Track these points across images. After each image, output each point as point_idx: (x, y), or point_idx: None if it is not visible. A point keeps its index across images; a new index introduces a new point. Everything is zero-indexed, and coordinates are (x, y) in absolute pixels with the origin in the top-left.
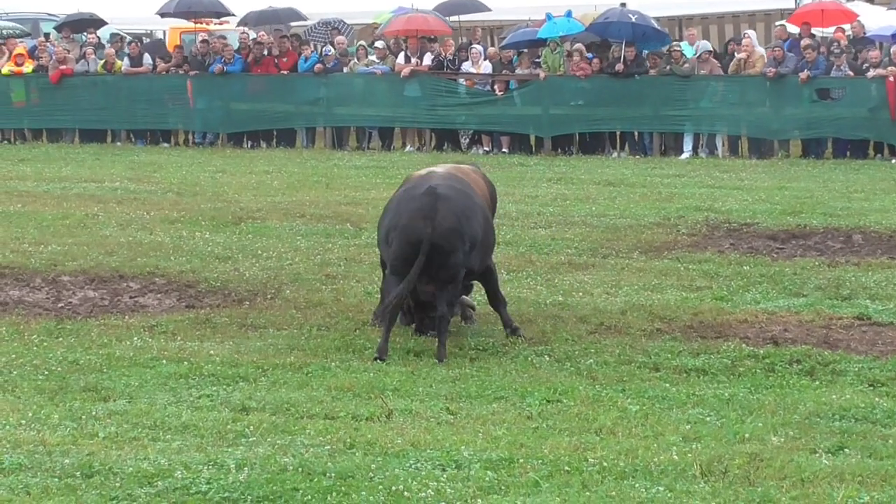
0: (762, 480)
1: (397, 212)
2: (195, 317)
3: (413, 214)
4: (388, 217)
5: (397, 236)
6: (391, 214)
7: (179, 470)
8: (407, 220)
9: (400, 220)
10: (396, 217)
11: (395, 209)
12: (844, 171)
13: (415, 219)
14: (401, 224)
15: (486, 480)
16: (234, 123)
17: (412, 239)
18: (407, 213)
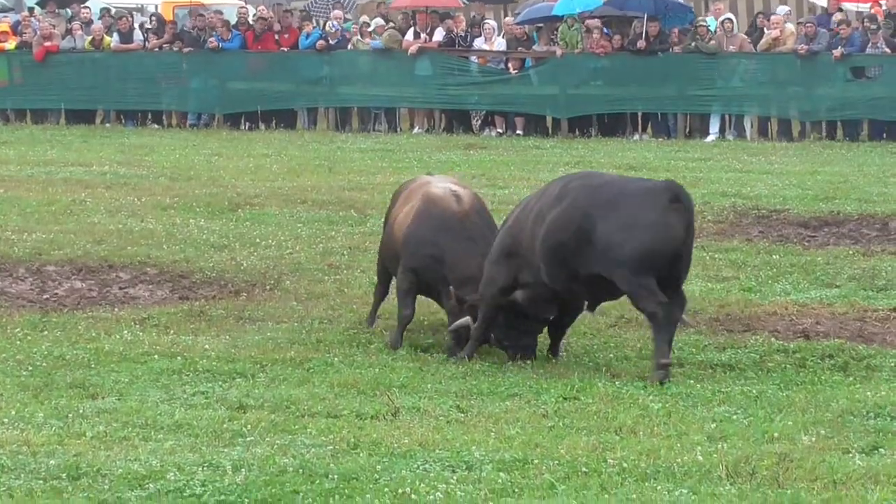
0: (792, 482)
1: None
2: (189, 309)
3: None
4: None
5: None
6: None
7: (172, 471)
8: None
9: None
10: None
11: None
12: (881, 155)
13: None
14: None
15: (499, 482)
16: (230, 104)
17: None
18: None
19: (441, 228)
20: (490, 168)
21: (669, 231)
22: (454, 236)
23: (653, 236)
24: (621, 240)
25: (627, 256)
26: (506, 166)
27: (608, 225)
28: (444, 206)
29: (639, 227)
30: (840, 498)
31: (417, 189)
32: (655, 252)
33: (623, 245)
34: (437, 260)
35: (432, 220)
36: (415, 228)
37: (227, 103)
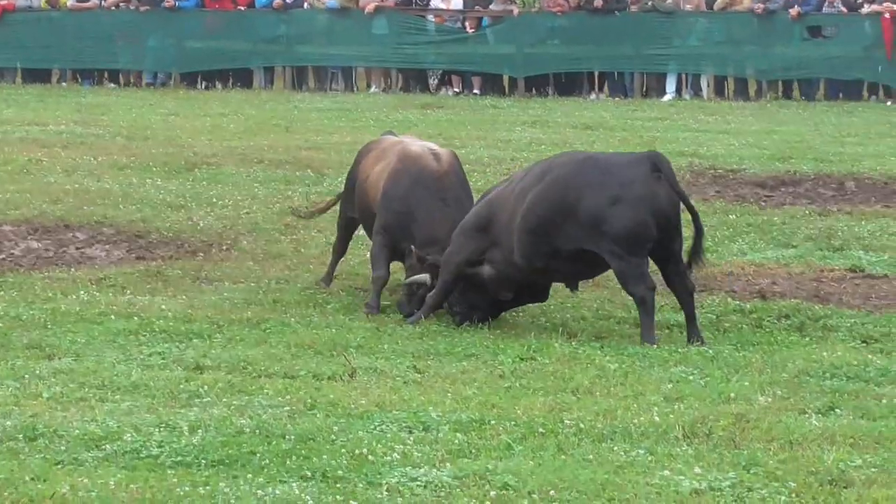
0: (748, 443)
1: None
2: (146, 269)
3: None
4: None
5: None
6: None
7: (129, 432)
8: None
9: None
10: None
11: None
12: (837, 114)
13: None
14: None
15: (456, 443)
16: (187, 62)
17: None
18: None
19: (416, 186)
20: (447, 127)
21: (655, 202)
22: (429, 195)
23: (640, 209)
24: (610, 215)
25: (617, 232)
26: (463, 125)
27: (595, 199)
28: (422, 165)
29: (626, 200)
30: (796, 458)
31: (391, 148)
32: (646, 224)
33: (612, 220)
34: (409, 217)
35: (409, 178)
36: (391, 185)
37: (184, 62)
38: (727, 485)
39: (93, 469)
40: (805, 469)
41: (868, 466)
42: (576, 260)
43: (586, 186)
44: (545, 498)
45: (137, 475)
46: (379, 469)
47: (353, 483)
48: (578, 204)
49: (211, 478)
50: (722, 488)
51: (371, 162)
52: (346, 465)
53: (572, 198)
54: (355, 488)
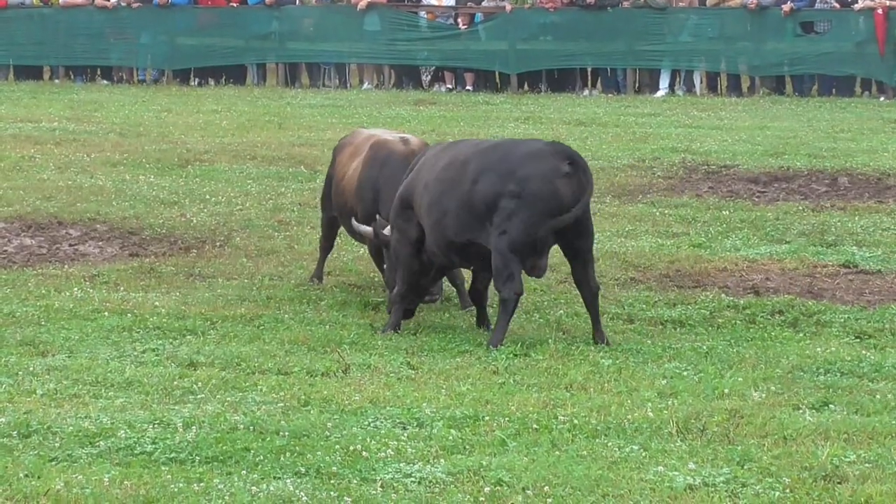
0: (742, 438)
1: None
2: (139, 266)
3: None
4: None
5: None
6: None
7: (123, 429)
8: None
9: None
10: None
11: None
12: (830, 110)
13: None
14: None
15: (450, 439)
16: (180, 59)
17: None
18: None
19: (383, 166)
20: (440, 124)
21: (557, 199)
22: (395, 173)
23: (539, 205)
24: (505, 207)
25: (510, 227)
26: (455, 122)
27: (491, 189)
28: (390, 148)
29: (526, 194)
30: (790, 454)
31: (364, 143)
32: (539, 223)
33: (507, 213)
34: (380, 202)
35: (377, 161)
36: (363, 174)
37: (177, 59)
38: (721, 480)
39: (87, 465)
40: (799, 464)
41: (862, 462)
42: (468, 253)
43: (486, 175)
44: (539, 494)
45: (131, 472)
46: (373, 465)
47: (347, 479)
48: (475, 194)
49: (205, 474)
50: (716, 484)
51: (346, 159)
52: (340, 461)
53: (472, 186)
54: (349, 484)
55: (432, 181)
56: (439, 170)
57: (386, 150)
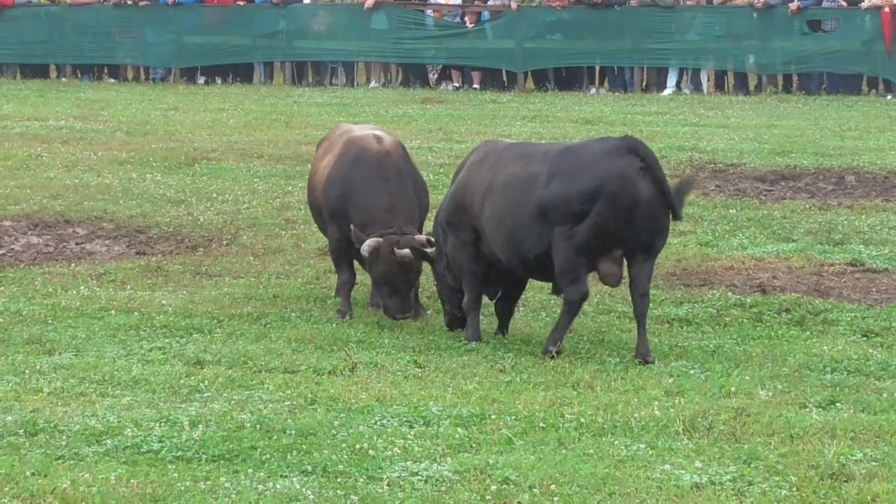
0: (749, 437)
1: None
2: (146, 264)
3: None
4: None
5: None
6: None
7: (130, 427)
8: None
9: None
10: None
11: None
12: (837, 108)
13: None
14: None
15: (456, 438)
16: (187, 58)
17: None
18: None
19: (355, 165)
20: (447, 122)
21: (630, 197)
22: (367, 172)
23: (609, 204)
24: (574, 208)
25: (577, 227)
26: (462, 120)
27: (562, 191)
28: (362, 146)
29: (596, 193)
30: (797, 452)
31: (338, 138)
32: (608, 223)
33: (575, 214)
34: (347, 199)
35: (348, 159)
36: (332, 171)
37: (184, 57)
38: (728, 479)
39: (93, 464)
40: (806, 463)
41: (868, 460)
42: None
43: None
44: (546, 492)
45: (138, 470)
46: (380, 464)
47: (354, 478)
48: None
49: (212, 472)
50: (722, 482)
51: (321, 155)
52: (346, 459)
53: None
54: (356, 483)
55: (499, 188)
56: (506, 177)
57: (357, 147)
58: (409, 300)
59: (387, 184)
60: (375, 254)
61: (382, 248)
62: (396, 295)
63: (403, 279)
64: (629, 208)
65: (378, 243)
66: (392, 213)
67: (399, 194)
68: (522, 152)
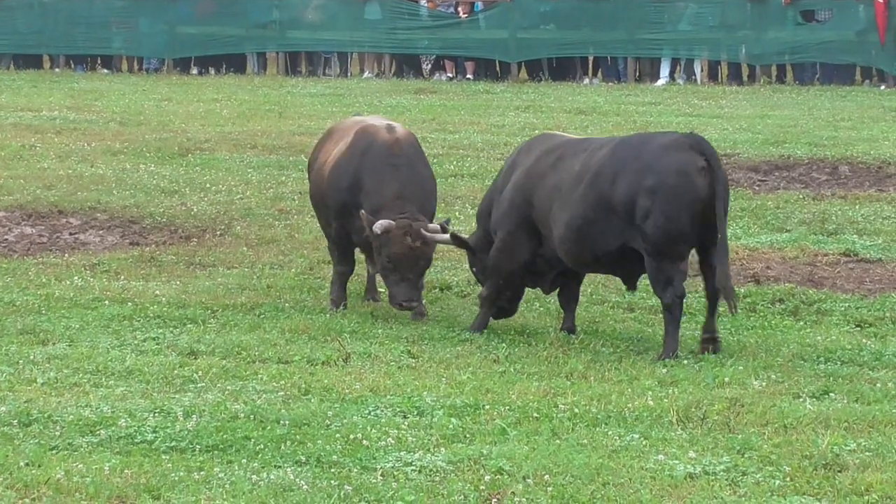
0: (743, 427)
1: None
2: (139, 255)
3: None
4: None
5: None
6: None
7: (123, 418)
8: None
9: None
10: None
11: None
12: (831, 99)
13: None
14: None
15: (450, 428)
16: (180, 48)
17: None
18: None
19: (365, 153)
20: (440, 113)
21: (694, 193)
22: (377, 161)
23: (677, 199)
24: (642, 205)
25: (652, 228)
26: (456, 111)
27: (628, 188)
28: (373, 135)
29: (663, 188)
30: (791, 442)
31: (349, 128)
32: (680, 218)
33: (645, 212)
34: (358, 190)
35: (358, 148)
36: (341, 161)
37: (177, 48)
38: (721, 469)
39: (87, 454)
40: (799, 453)
41: (862, 450)
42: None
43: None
44: (539, 482)
45: (132, 460)
46: (373, 454)
47: (348, 468)
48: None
49: (205, 463)
50: (716, 472)
51: (330, 145)
52: (340, 450)
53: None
54: (350, 473)
55: (565, 188)
56: (572, 175)
57: (368, 138)
58: (417, 289)
59: (397, 172)
60: (387, 235)
61: (395, 231)
62: (404, 282)
63: (413, 265)
64: (690, 205)
65: (390, 224)
66: (403, 200)
67: (409, 183)
68: (584, 147)
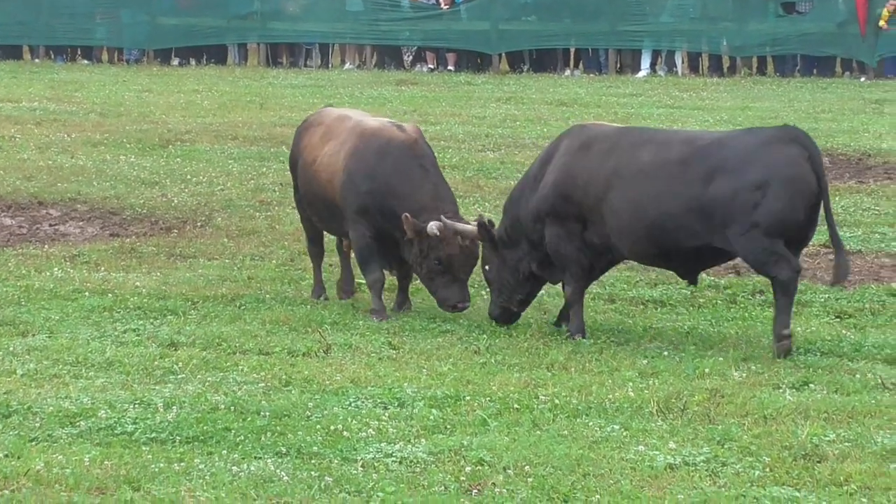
0: (723, 418)
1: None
2: (120, 246)
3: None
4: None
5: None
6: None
7: (103, 409)
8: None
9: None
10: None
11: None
12: (811, 90)
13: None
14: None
15: (431, 419)
16: (161, 39)
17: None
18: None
19: (387, 158)
20: (422, 104)
21: (805, 183)
22: (404, 164)
23: (790, 190)
24: (748, 200)
25: (760, 218)
26: (437, 102)
27: (730, 187)
28: (388, 136)
29: (774, 181)
30: (770, 433)
31: (339, 125)
32: (792, 208)
33: (753, 205)
34: (388, 193)
35: (376, 152)
36: (356, 165)
37: (158, 39)
38: (701, 459)
39: (67, 446)
40: (779, 443)
41: (841, 441)
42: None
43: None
44: (520, 473)
45: (112, 451)
46: (354, 445)
47: (329, 459)
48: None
49: (186, 454)
50: (696, 463)
51: (317, 141)
52: (321, 441)
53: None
54: (330, 464)
55: (632, 176)
56: (640, 164)
57: (383, 139)
58: (467, 288)
59: (426, 173)
60: (437, 237)
61: (446, 232)
62: (455, 283)
63: (464, 265)
64: (803, 195)
65: (442, 226)
66: (440, 200)
67: (440, 182)
68: (647, 138)
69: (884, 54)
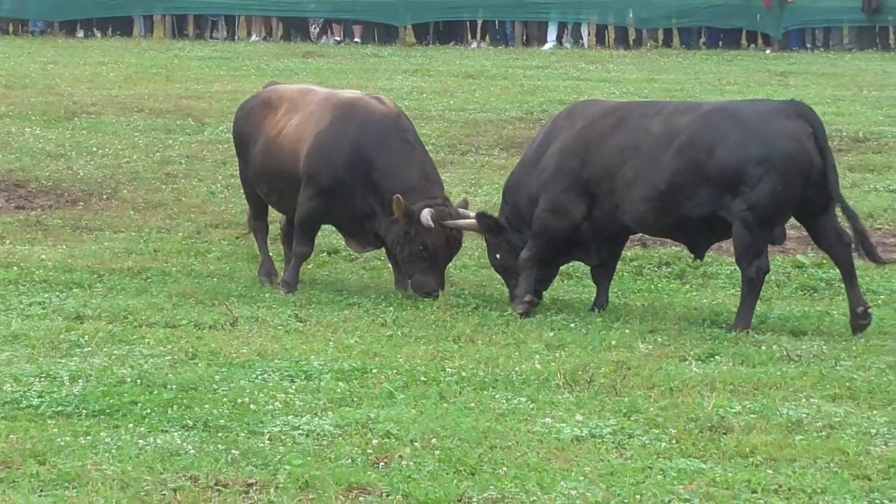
0: (629, 390)
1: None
2: (25, 218)
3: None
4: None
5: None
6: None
7: (9, 382)
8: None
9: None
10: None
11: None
12: (717, 62)
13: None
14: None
15: (338, 392)
16: (66, 10)
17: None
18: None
19: (367, 131)
20: (328, 76)
21: (807, 161)
22: (386, 136)
23: (789, 169)
24: (751, 174)
25: (758, 197)
26: (344, 74)
27: (733, 157)
28: (367, 109)
29: (774, 157)
30: (677, 405)
31: (302, 97)
32: (789, 189)
33: (755, 182)
34: (367, 167)
35: (354, 123)
36: (332, 136)
37: (64, 10)
38: (608, 431)
39: None
40: (685, 415)
41: (747, 412)
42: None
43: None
44: (427, 446)
45: (18, 425)
46: (261, 418)
47: (235, 432)
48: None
49: (92, 427)
50: (603, 435)
51: (281, 116)
52: (227, 414)
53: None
54: (237, 437)
55: (631, 152)
56: (650, 137)
57: (362, 112)
58: (444, 276)
59: (413, 148)
60: (428, 224)
61: (438, 220)
62: (433, 270)
63: (448, 254)
64: (803, 172)
65: (435, 214)
66: (427, 181)
67: (427, 160)
68: (655, 109)
69: (789, 27)
